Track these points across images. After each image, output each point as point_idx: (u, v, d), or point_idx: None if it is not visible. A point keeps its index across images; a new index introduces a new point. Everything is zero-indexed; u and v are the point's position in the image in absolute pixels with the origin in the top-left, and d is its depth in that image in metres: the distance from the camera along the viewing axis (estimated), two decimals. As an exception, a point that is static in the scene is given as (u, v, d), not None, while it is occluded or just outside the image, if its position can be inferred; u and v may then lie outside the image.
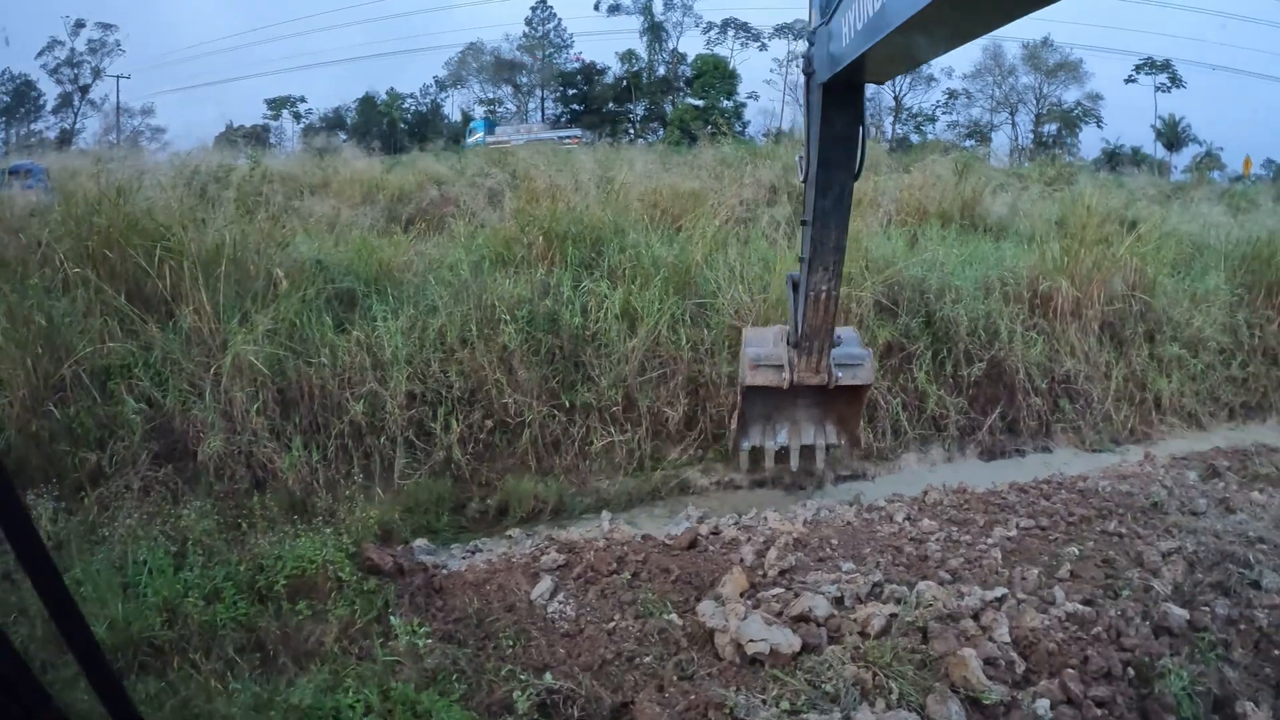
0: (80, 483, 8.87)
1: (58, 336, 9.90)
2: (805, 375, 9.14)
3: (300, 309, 10.74)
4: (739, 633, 5.71)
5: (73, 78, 73.80)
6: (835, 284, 8.45)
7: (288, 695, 5.21)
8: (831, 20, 6.75)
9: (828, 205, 7.98)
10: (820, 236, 8.13)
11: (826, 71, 7.07)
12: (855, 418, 10.05)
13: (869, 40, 5.54)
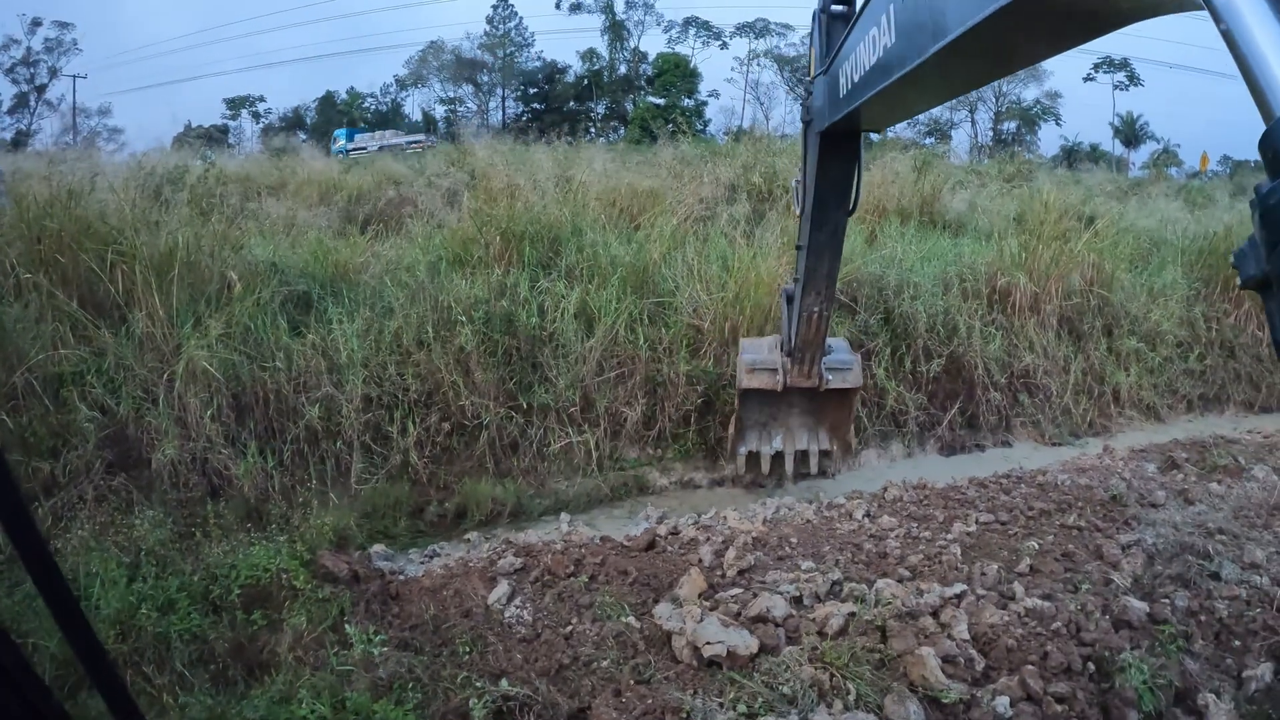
0: (34, 493, 8.68)
1: (9, 343, 9.70)
2: (798, 380, 9.65)
3: (254, 313, 10.58)
4: (696, 635, 5.66)
5: (29, 77, 73.02)
6: (827, 306, 9.01)
7: (241, 708, 5.12)
8: (829, 71, 6.94)
9: (823, 239, 8.41)
10: (814, 265, 8.59)
11: (824, 120, 7.28)
12: (846, 423, 10.52)
13: (866, 92, 5.69)
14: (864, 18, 5.55)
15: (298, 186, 21.96)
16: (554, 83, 78.64)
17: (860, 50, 5.71)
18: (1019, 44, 4.03)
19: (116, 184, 14.14)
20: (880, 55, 5.17)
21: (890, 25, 4.89)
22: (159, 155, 22.35)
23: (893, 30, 4.86)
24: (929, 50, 4.17)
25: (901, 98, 5.51)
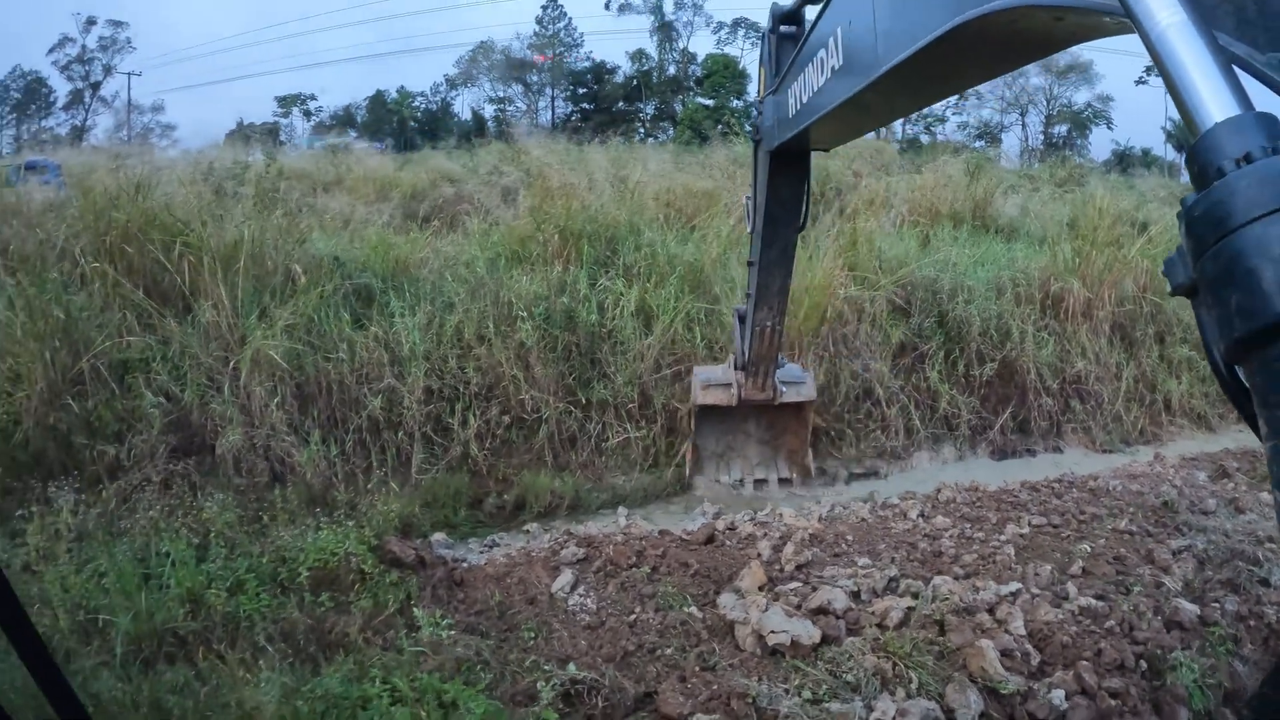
0: (98, 475, 8.99)
1: (75, 330, 9.97)
2: (752, 393, 9.86)
3: (318, 305, 10.80)
4: (760, 624, 5.80)
5: (84, 75, 74.12)
6: (779, 320, 9.17)
7: (314, 685, 5.29)
8: (779, 92, 7.15)
9: (773, 256, 8.59)
10: (765, 281, 8.77)
11: (774, 140, 7.45)
12: (803, 446, 10.71)
13: (814, 113, 5.86)
14: (813, 40, 5.75)
15: (353, 183, 22.23)
16: (603, 83, 78.60)
17: (809, 71, 5.86)
18: (963, 67, 4.13)
19: (185, 178, 14.50)
20: (828, 77, 5.33)
21: (838, 48, 5.04)
22: (214, 152, 22.69)
23: (840, 53, 5.01)
24: (876, 73, 4.28)
25: (850, 118, 5.65)
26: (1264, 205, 1.30)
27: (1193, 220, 1.43)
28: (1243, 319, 1.31)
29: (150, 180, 12.53)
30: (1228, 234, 1.34)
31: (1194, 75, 1.56)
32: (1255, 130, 1.40)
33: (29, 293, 10.03)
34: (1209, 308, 1.41)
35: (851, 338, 11.71)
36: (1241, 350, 1.33)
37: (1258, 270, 1.29)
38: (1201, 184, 1.43)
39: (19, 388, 9.56)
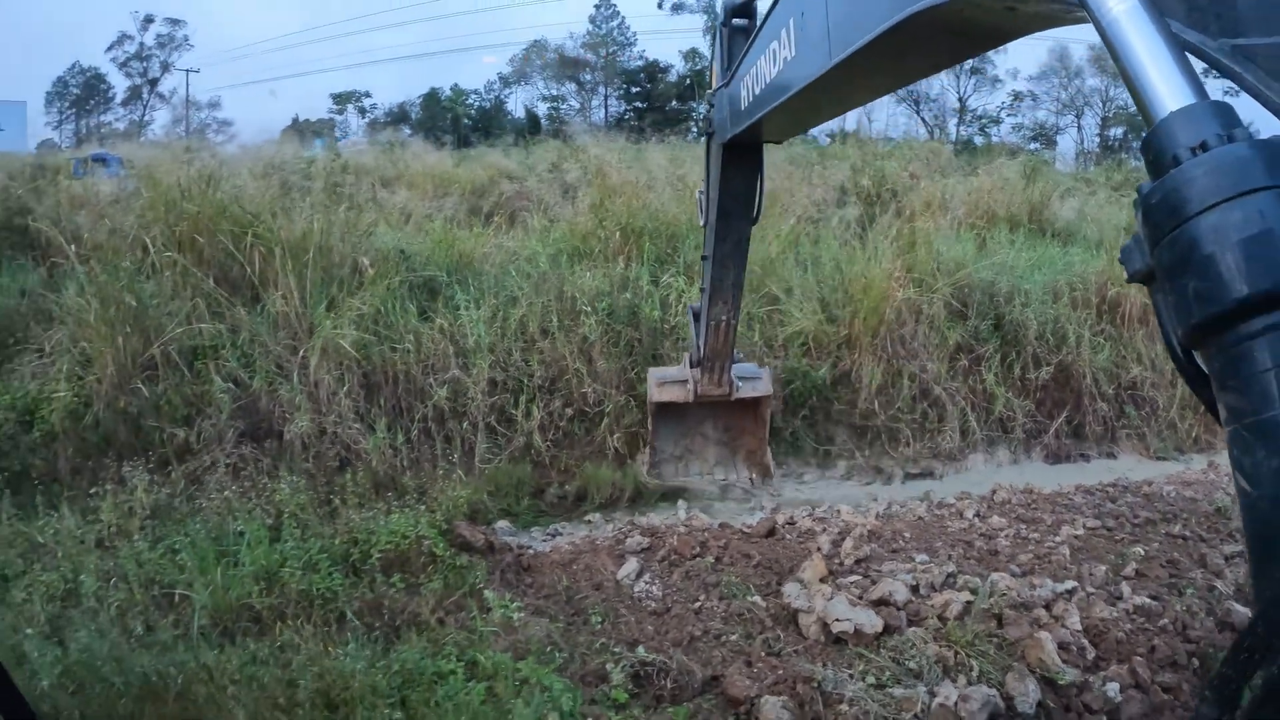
0: (167, 457, 9.32)
1: (147, 317, 10.31)
2: (708, 388, 9.77)
3: (385, 297, 11.09)
4: (825, 612, 5.98)
5: (142, 71, 75.83)
6: (734, 314, 9.09)
7: (392, 659, 5.51)
8: (731, 84, 7.09)
9: (727, 249, 8.55)
10: (720, 275, 8.73)
11: (726, 132, 7.37)
12: (762, 445, 10.62)
13: (767, 105, 5.82)
14: (765, 31, 5.68)
15: (412, 179, 22.49)
16: (655, 82, 78.69)
17: (762, 63, 5.85)
18: (916, 58, 4.17)
19: (255, 172, 14.85)
20: (781, 68, 5.31)
21: (791, 39, 5.00)
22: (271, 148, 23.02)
23: (793, 43, 4.97)
24: (829, 63, 4.28)
25: (802, 110, 5.66)
26: (1220, 193, 1.39)
27: (1149, 208, 1.52)
28: (1200, 304, 1.40)
29: (219, 173, 12.84)
30: (1184, 221, 1.43)
31: (1147, 63, 1.64)
32: (1210, 119, 1.49)
33: (101, 280, 10.39)
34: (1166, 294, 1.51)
35: (909, 339, 11.78)
36: (1199, 335, 1.43)
37: (1215, 257, 1.37)
38: (1157, 172, 1.53)
39: (90, 371, 9.95)
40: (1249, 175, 1.37)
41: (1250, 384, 1.32)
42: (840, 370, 11.50)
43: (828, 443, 11.23)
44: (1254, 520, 1.32)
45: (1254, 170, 1.37)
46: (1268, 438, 1.28)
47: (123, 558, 7.05)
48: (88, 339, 10.12)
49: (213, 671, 5.21)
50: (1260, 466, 1.29)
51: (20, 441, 9.61)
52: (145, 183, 13.22)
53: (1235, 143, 1.43)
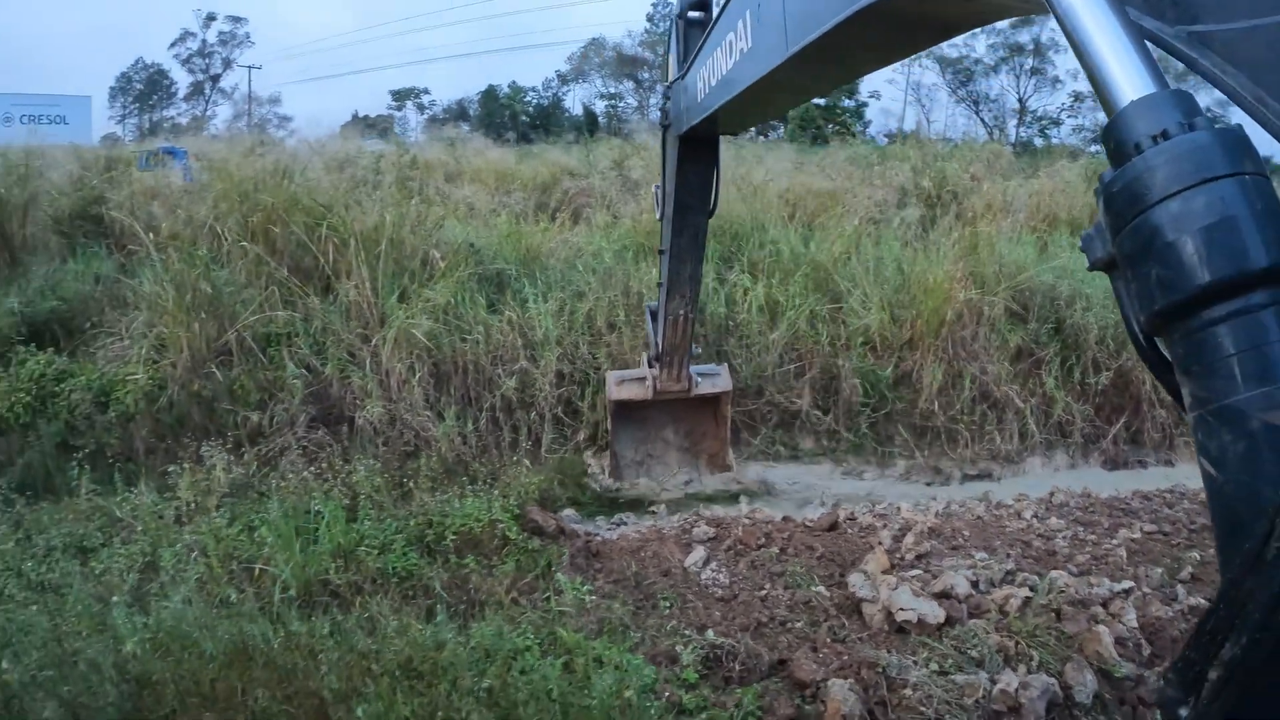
0: (240, 439, 9.70)
1: (221, 304, 10.69)
2: (667, 384, 9.84)
3: (455, 289, 11.36)
4: (890, 601, 6.18)
5: (204, 67, 77.73)
6: (691, 308, 9.08)
7: (470, 634, 5.76)
8: (687, 76, 7.14)
9: (684, 243, 8.52)
10: (677, 269, 8.73)
11: (683, 124, 7.41)
12: (723, 446, 10.66)
13: (723, 96, 5.87)
14: (721, 23, 5.71)
15: (473, 174, 22.76)
16: (712, 80, 78.49)
17: (718, 55, 5.87)
18: (872, 49, 4.18)
19: (328, 165, 15.20)
20: (737, 59, 5.34)
21: (747, 30, 5.05)
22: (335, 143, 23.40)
23: (749, 35, 5.02)
24: (785, 54, 4.30)
25: (758, 101, 5.64)
26: (1181, 180, 1.44)
27: (1111, 196, 1.58)
28: (1163, 291, 1.45)
29: (291, 166, 13.16)
30: (1146, 209, 1.48)
31: (1107, 52, 1.70)
32: (1171, 107, 1.55)
33: (177, 268, 10.73)
34: (1128, 281, 1.57)
35: (970, 340, 11.84)
36: (1161, 322, 1.49)
37: (1177, 244, 1.42)
38: (1118, 160, 1.58)
39: (165, 355, 10.34)
40: (1210, 163, 1.44)
41: (1214, 369, 1.40)
42: (902, 370, 11.63)
43: (887, 442, 11.33)
44: (1220, 504, 1.41)
45: (1215, 158, 1.45)
46: (1232, 422, 1.36)
47: (201, 533, 7.39)
48: (164, 324, 10.51)
49: (299, 639, 5.48)
50: (1225, 451, 1.37)
51: (96, 421, 10.05)
52: (218, 175, 13.57)
53: (1196, 131, 1.50)
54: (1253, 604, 1.20)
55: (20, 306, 11.73)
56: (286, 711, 4.73)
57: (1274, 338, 1.35)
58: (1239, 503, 1.36)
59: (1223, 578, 1.31)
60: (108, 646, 5.32)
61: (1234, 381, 1.37)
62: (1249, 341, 1.37)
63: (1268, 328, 1.36)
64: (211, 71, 78.48)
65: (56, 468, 9.77)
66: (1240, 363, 1.36)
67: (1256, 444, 1.33)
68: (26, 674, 5.20)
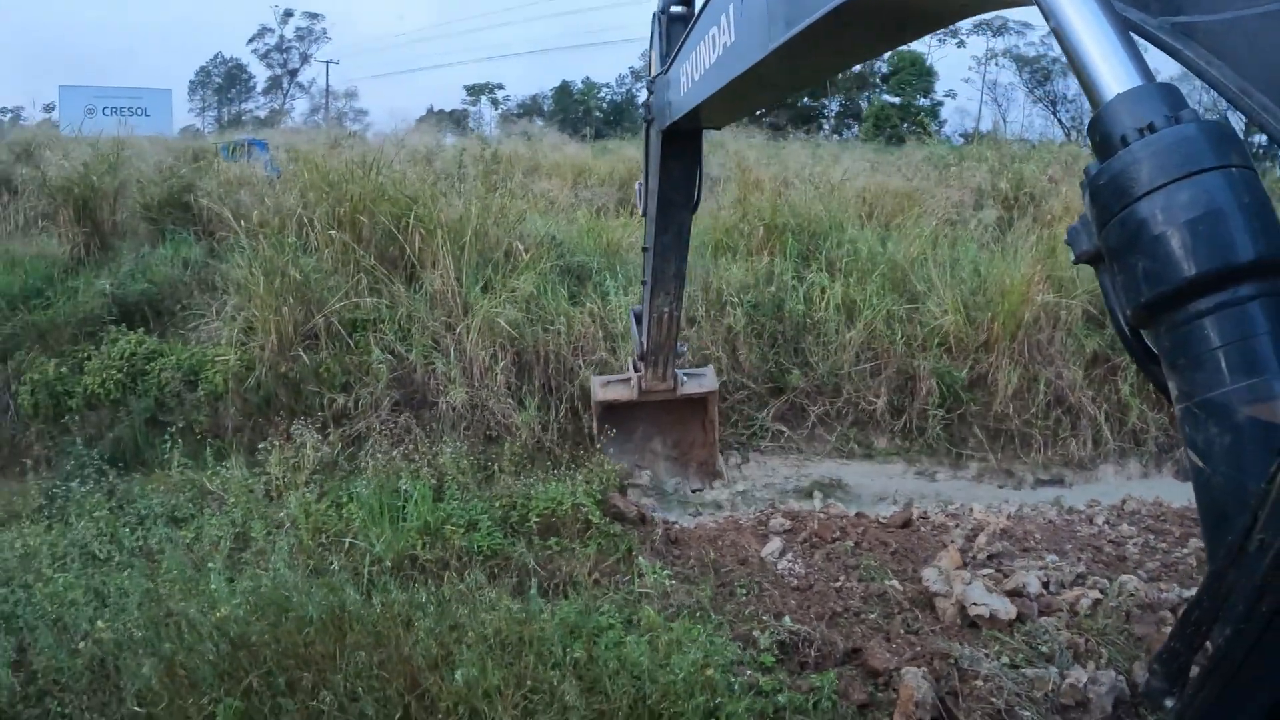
0: (325, 420, 10.05)
1: (309, 289, 11.05)
2: (653, 383, 9.66)
3: (538, 280, 11.63)
4: (964, 595, 6.31)
5: (281, 62, 79.74)
6: (677, 306, 8.91)
7: (554, 612, 5.99)
8: (670, 70, 7.07)
9: (668, 240, 8.37)
10: (661, 267, 8.56)
11: (666, 119, 7.33)
12: (713, 451, 10.49)
13: (706, 90, 5.84)
14: (704, 18, 5.67)
15: (550, 168, 23.02)
16: (787, 78, 78.16)
17: (701, 49, 5.84)
18: (856, 40, 4.13)
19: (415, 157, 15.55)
20: (720, 54, 5.30)
21: (730, 24, 4.98)
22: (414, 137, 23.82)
23: (732, 29, 4.95)
24: (768, 48, 4.27)
25: (741, 95, 5.61)
26: (1168, 173, 1.46)
27: (1097, 189, 1.61)
28: (1149, 284, 1.47)
29: (376, 159, 13.51)
30: (1132, 202, 1.50)
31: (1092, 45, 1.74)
32: (1157, 101, 1.58)
33: (266, 254, 11.13)
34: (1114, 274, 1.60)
35: (1046, 345, 11.85)
36: (1147, 314, 1.52)
37: (1164, 237, 1.43)
38: (1105, 153, 1.62)
39: (253, 338, 10.74)
40: (1196, 156, 1.47)
41: (1200, 362, 1.43)
42: (977, 372, 11.67)
43: (961, 444, 11.38)
44: (1206, 496, 1.47)
45: (1201, 151, 1.48)
46: (1218, 416, 1.40)
47: (291, 507, 7.72)
48: (253, 308, 10.94)
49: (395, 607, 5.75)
50: (1212, 443, 1.41)
51: (185, 399, 10.55)
52: (304, 165, 13.95)
53: (1182, 124, 1.53)
54: (1236, 595, 1.24)
55: (112, 288, 12.31)
56: (380, 676, 4.98)
57: (1260, 330, 1.39)
58: (1224, 495, 1.42)
59: (1209, 569, 1.35)
60: (205, 608, 5.62)
61: (1220, 374, 1.41)
62: (1235, 334, 1.41)
63: (1254, 320, 1.40)
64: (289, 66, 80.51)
65: (146, 442, 10.30)
66: (1226, 355, 1.40)
67: (1241, 437, 1.38)
68: (123, 632, 5.54)
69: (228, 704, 4.82)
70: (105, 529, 7.78)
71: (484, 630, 5.46)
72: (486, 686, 4.87)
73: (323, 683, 4.94)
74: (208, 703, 4.88)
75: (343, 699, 4.85)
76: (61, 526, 7.98)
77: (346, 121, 63.81)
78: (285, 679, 5.01)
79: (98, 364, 10.95)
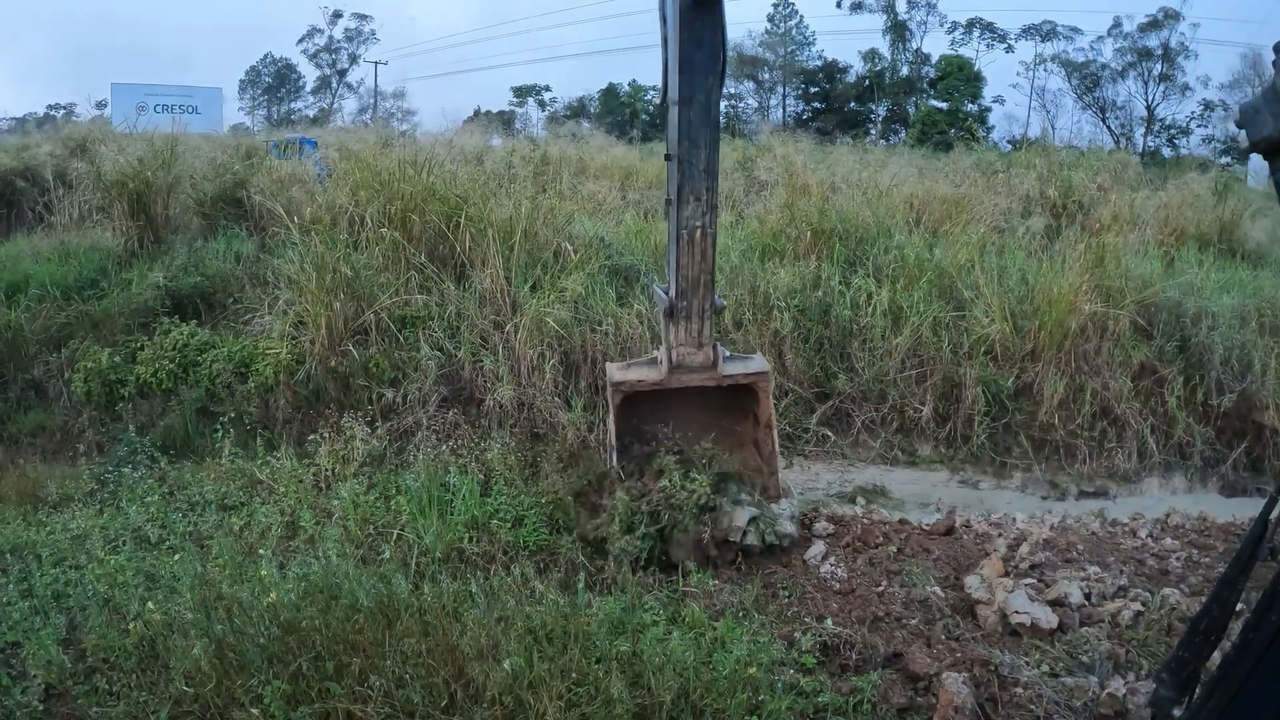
0: (374, 415, 10.23)
1: (360, 286, 11.27)
2: (685, 351, 7.52)
3: (586, 281, 11.72)
4: (1006, 603, 6.35)
5: (330, 63, 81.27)
6: (711, 219, 7.20)
7: (599, 607, 6.10)
8: None
9: (694, 116, 6.95)
10: (690, 158, 7.02)
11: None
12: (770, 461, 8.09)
13: None
14: None
15: (597, 170, 23.15)
16: (834, 82, 78.09)
17: None
18: None
19: (467, 157, 15.73)
20: None
21: None
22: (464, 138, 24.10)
23: None
24: None
25: None
26: None
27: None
28: None
29: (430, 159, 13.67)
30: None
31: None
32: None
33: (317, 250, 11.31)
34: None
35: (1093, 355, 11.80)
36: None
37: None
38: None
39: (304, 332, 10.95)
40: None
41: None
42: (1023, 381, 11.63)
43: (1005, 453, 11.35)
44: None
45: None
46: None
47: (341, 498, 7.89)
48: (304, 302, 11.15)
49: (444, 597, 5.88)
50: None
51: (236, 390, 10.82)
52: (356, 164, 14.15)
53: None
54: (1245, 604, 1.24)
55: (165, 281, 12.64)
56: (429, 664, 5.11)
57: None
58: None
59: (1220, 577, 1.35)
60: (256, 593, 5.77)
61: None
62: None
63: None
64: (338, 66, 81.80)
65: (196, 431, 10.57)
66: None
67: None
68: (174, 614, 5.70)
69: (275, 686, 4.97)
70: (156, 514, 8.04)
71: (531, 623, 5.56)
72: (532, 677, 4.97)
73: (371, 669, 5.09)
74: (256, 684, 5.04)
75: (390, 685, 4.97)
76: (113, 511, 8.25)
77: (394, 121, 64.63)
78: (334, 664, 5.16)
79: (150, 354, 11.23)
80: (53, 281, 12.96)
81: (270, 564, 6.39)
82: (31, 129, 33.22)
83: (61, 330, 12.18)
